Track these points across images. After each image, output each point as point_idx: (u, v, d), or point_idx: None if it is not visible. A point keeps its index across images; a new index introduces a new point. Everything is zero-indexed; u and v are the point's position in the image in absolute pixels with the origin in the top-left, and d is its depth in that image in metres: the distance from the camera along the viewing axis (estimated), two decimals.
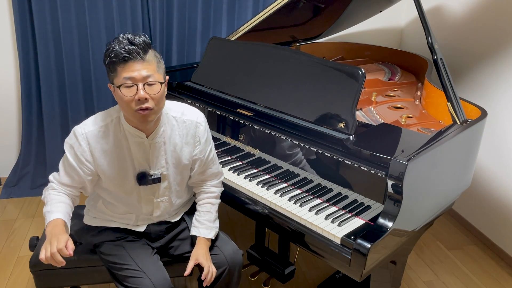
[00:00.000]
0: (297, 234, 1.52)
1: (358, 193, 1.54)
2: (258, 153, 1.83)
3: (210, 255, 1.55)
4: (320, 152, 1.59)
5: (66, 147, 1.47)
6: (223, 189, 1.72)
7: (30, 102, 2.84)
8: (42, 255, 1.30)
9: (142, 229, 1.60)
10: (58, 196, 1.47)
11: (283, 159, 1.73)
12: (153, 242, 1.62)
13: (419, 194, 1.49)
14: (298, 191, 1.67)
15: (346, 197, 1.57)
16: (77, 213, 1.63)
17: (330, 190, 1.61)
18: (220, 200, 1.69)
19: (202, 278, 1.50)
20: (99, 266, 1.61)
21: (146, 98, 1.33)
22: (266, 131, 1.75)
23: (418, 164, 1.39)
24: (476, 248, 2.59)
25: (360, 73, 1.61)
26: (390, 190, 1.38)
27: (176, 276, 1.64)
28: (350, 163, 1.50)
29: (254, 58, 1.94)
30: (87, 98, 2.90)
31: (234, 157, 1.91)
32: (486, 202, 2.61)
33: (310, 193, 1.64)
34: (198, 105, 1.99)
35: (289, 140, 1.69)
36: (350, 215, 1.50)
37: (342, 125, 1.60)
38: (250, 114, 1.83)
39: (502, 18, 2.41)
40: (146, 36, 1.37)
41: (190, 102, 2.02)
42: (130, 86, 1.33)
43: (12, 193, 2.93)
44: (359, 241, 1.33)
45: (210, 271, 1.49)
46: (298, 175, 1.70)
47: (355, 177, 1.52)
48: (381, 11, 2.66)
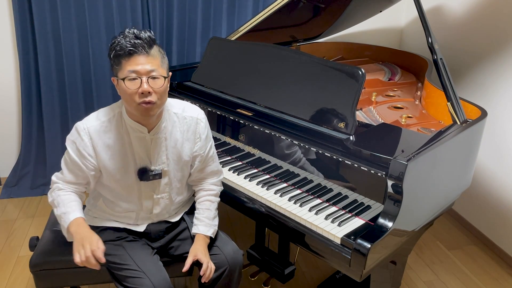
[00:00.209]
0: (297, 234, 1.52)
1: (358, 193, 1.54)
2: (258, 153, 1.83)
3: (210, 255, 1.55)
4: (320, 152, 1.59)
5: (68, 144, 1.47)
6: (223, 188, 1.72)
7: (30, 102, 2.84)
8: (78, 259, 1.35)
9: (142, 229, 1.60)
10: (68, 195, 1.49)
11: (283, 159, 1.73)
12: (153, 242, 1.62)
13: (419, 194, 1.49)
14: (298, 191, 1.67)
15: (346, 197, 1.57)
16: None
17: (330, 190, 1.61)
18: (219, 198, 1.69)
19: (201, 273, 1.50)
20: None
21: (149, 92, 1.35)
22: (266, 131, 1.75)
23: (418, 164, 1.39)
24: (476, 248, 2.59)
25: (360, 73, 1.61)
26: (390, 190, 1.38)
27: (176, 276, 1.64)
28: (350, 163, 1.50)
29: (254, 58, 1.94)
30: (87, 98, 2.90)
31: (234, 157, 1.91)
32: (486, 202, 2.61)
33: (310, 193, 1.64)
34: (198, 105, 1.98)
35: (289, 140, 1.68)
36: (350, 215, 1.50)
37: (342, 125, 1.60)
38: (250, 114, 1.84)
39: (502, 18, 2.41)
40: (152, 32, 1.39)
41: (190, 102, 2.00)
42: (134, 79, 1.34)
43: (12, 193, 2.93)
44: (359, 241, 1.33)
45: (209, 267, 1.49)
46: (298, 175, 1.70)
47: (355, 177, 1.52)
48: (381, 11, 2.66)
